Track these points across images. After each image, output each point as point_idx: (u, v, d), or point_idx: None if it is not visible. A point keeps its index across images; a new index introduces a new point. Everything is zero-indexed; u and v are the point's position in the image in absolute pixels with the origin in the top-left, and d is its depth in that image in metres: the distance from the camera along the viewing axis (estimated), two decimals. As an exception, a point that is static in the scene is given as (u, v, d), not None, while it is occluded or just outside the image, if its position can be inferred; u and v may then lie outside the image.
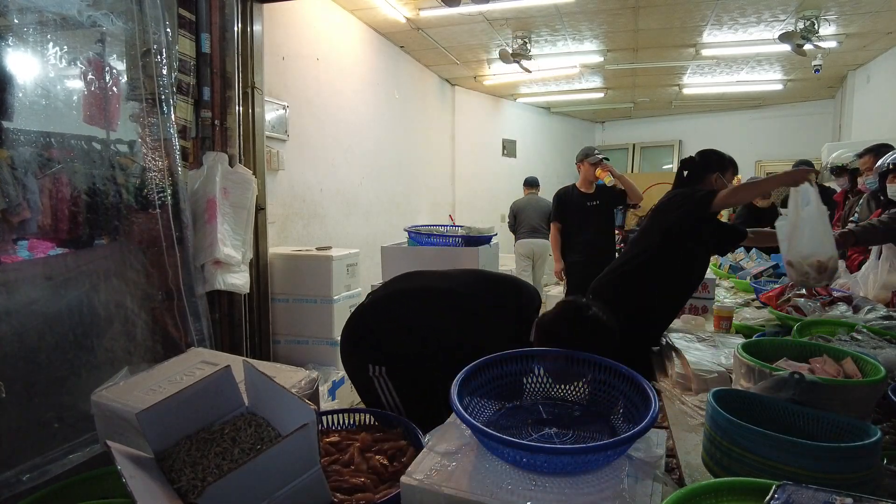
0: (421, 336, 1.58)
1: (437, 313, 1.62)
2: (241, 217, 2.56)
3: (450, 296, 1.65)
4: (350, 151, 4.23)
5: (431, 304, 1.65)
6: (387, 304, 1.70)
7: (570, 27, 4.50)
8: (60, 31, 1.88)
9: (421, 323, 1.61)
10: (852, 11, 4.08)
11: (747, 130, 8.02)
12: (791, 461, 0.88)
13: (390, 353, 1.58)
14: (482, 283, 1.73)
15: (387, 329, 1.63)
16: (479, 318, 1.57)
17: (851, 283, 2.29)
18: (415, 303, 1.67)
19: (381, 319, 1.66)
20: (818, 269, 1.67)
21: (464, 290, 1.68)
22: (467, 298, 1.63)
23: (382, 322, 1.65)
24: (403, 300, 1.69)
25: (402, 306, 1.67)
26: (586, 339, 1.36)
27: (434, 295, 1.68)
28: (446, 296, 1.66)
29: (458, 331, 1.55)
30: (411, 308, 1.66)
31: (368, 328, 1.66)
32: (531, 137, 8.01)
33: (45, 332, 1.77)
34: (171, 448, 0.99)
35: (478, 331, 1.54)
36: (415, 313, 1.64)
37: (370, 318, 1.68)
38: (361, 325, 1.68)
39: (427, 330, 1.59)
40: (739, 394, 1.13)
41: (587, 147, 3.78)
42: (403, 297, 1.70)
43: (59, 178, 1.84)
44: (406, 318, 1.63)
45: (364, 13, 4.18)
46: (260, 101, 2.79)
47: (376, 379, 1.56)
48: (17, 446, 1.66)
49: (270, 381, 1.03)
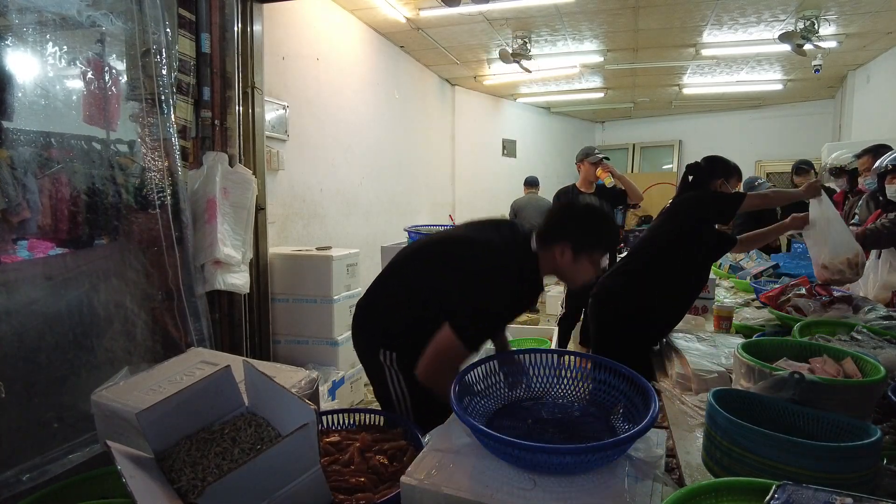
0: (421, 299, 1.52)
1: (433, 269, 1.55)
2: (241, 217, 2.56)
3: (443, 244, 1.62)
4: (350, 151, 4.23)
5: (426, 260, 1.59)
6: (388, 276, 1.66)
7: (570, 27, 4.49)
8: (60, 30, 1.87)
9: (420, 284, 1.54)
10: (852, 11, 4.08)
11: (747, 130, 8.02)
12: (791, 461, 0.88)
13: (397, 332, 1.53)
14: (474, 225, 1.65)
15: (390, 302, 1.59)
16: (474, 262, 1.47)
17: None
18: (412, 264, 1.61)
19: (386, 293, 1.62)
20: (849, 266, 1.93)
21: (455, 233, 1.65)
22: (460, 244, 1.57)
23: (387, 295, 1.61)
24: (401, 266, 1.64)
25: (400, 273, 1.62)
26: (582, 222, 1.43)
27: (427, 250, 1.62)
28: (438, 245, 1.62)
29: (455, 282, 1.46)
30: (410, 271, 1.60)
31: (376, 308, 1.62)
32: (531, 137, 8.01)
33: (45, 332, 1.77)
34: (171, 448, 0.99)
35: (475, 280, 1.43)
36: (413, 275, 1.59)
37: (376, 296, 1.63)
38: (368, 305, 1.64)
39: (427, 291, 1.52)
40: (739, 394, 1.13)
41: (587, 147, 3.78)
42: (401, 263, 1.65)
43: (59, 178, 1.84)
44: (405, 283, 1.59)
45: (364, 13, 4.17)
46: (260, 100, 2.79)
47: (388, 369, 1.53)
48: (17, 446, 1.66)
49: (270, 381, 1.03)
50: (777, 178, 7.80)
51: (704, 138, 8.55)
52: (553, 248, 1.43)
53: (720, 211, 2.01)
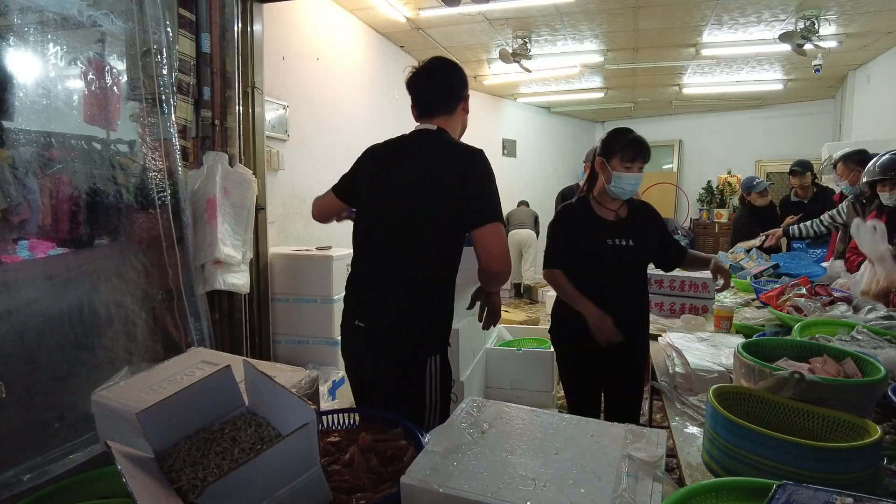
0: (449, 260, 1.54)
1: (438, 223, 1.51)
2: (242, 217, 2.56)
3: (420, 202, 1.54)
4: (350, 151, 4.22)
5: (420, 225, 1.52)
6: (396, 279, 1.53)
7: (571, 27, 4.49)
8: (61, 30, 1.88)
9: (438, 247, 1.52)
10: (852, 11, 4.08)
11: (747, 130, 8.02)
12: (791, 461, 0.88)
13: (438, 331, 1.51)
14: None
15: (420, 303, 1.51)
16: (471, 170, 1.49)
17: (851, 283, 2.29)
18: (415, 250, 1.52)
19: (409, 294, 1.52)
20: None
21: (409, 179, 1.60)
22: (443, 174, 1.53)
23: (411, 296, 1.52)
24: (404, 261, 1.53)
25: (409, 266, 1.52)
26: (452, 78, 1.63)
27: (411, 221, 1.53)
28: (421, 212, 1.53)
29: (467, 197, 1.48)
30: (418, 253, 1.52)
31: (408, 313, 1.51)
32: (531, 137, 8.01)
33: (46, 332, 1.77)
34: (171, 448, 0.99)
35: (480, 181, 1.48)
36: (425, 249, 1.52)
37: (400, 301, 1.51)
38: (397, 313, 1.50)
39: (446, 242, 1.51)
40: (739, 394, 1.13)
41: (597, 148, 3.77)
42: (402, 260, 1.54)
43: (60, 178, 1.85)
44: (421, 270, 1.51)
45: (364, 13, 4.18)
46: (260, 100, 2.79)
47: (431, 378, 1.48)
48: (17, 446, 1.66)
49: (271, 381, 1.03)
50: (777, 178, 7.81)
51: (704, 138, 8.56)
52: (458, 112, 1.65)
53: None
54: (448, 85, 1.61)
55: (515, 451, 1.03)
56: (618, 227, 1.97)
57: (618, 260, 1.92)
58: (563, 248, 1.98)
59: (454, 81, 1.62)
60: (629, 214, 2.02)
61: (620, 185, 1.90)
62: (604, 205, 2.01)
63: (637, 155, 1.88)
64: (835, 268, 2.62)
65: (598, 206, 2.01)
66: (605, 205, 2.00)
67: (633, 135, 1.91)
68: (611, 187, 1.92)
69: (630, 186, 1.90)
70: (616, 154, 1.89)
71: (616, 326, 1.87)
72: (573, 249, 1.96)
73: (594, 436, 1.12)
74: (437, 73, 1.60)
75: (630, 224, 1.99)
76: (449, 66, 1.62)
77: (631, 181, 1.89)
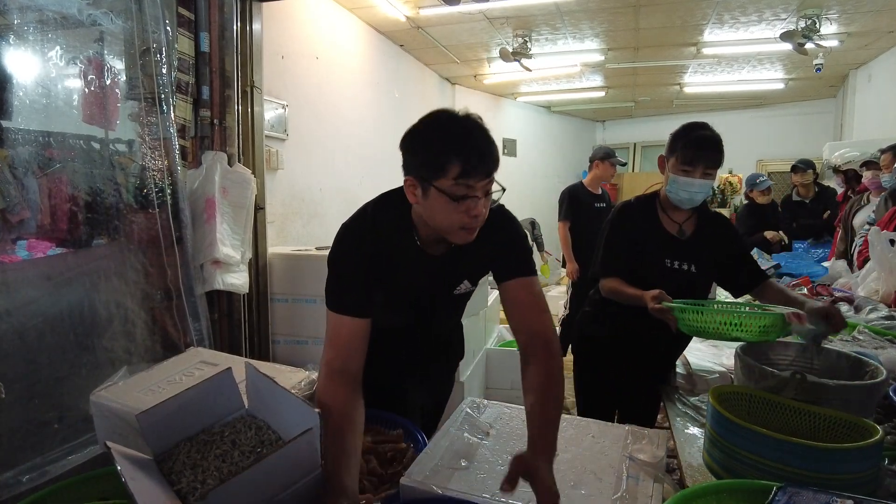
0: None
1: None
2: (241, 216, 2.55)
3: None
4: (350, 150, 4.22)
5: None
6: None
7: (571, 26, 4.49)
8: (60, 29, 1.87)
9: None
10: (854, 10, 4.07)
11: (748, 129, 8.00)
12: (793, 462, 0.88)
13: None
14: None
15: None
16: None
17: (852, 282, 2.28)
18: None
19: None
20: None
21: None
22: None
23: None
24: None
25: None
26: (411, 143, 1.21)
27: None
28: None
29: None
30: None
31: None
32: (532, 136, 8.00)
33: (45, 332, 1.76)
34: (170, 450, 0.99)
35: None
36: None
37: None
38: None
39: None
40: (740, 394, 1.13)
41: (606, 147, 3.76)
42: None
43: (59, 178, 1.84)
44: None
45: (364, 12, 4.17)
46: (259, 100, 2.78)
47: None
48: (17, 446, 1.66)
49: (272, 383, 1.03)
50: (778, 178, 7.80)
51: (705, 137, 8.53)
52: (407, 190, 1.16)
53: None
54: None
55: (515, 452, 1.03)
56: (681, 247, 1.63)
57: (673, 287, 1.46)
58: (624, 255, 1.66)
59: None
60: (696, 230, 1.66)
61: (675, 192, 1.58)
62: (668, 213, 1.67)
63: (698, 157, 1.54)
64: (836, 268, 2.62)
65: (663, 214, 1.68)
66: (670, 214, 1.67)
67: (700, 132, 1.58)
68: (666, 191, 1.63)
69: (686, 195, 1.56)
70: (675, 152, 1.59)
71: (649, 359, 1.67)
72: (629, 258, 1.65)
73: (595, 437, 1.12)
74: None
75: (695, 244, 1.64)
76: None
77: (688, 188, 1.55)
